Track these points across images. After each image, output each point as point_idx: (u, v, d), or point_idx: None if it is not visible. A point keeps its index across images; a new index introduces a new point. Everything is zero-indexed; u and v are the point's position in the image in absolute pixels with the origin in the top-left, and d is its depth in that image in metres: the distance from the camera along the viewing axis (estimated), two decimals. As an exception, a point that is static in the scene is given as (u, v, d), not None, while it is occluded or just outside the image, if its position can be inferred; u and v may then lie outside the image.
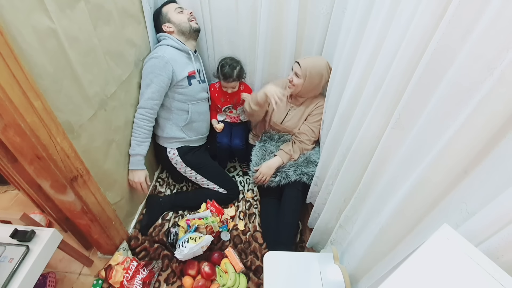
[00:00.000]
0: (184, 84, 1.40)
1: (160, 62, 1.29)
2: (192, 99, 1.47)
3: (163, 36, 1.40)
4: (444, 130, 0.58)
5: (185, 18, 1.39)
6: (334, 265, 0.98)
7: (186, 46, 1.41)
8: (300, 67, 1.36)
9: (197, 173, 1.57)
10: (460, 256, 0.45)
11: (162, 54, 1.30)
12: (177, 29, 1.39)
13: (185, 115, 1.48)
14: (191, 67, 1.44)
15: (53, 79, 0.86)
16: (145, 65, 1.32)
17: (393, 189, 0.75)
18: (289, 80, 1.43)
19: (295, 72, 1.39)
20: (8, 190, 1.73)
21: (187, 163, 1.55)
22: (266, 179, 1.45)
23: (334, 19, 1.28)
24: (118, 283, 1.22)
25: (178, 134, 1.49)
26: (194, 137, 1.56)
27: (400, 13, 0.71)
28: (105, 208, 1.19)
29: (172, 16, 1.37)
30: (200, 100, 1.52)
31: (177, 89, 1.39)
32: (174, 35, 1.39)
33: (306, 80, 1.37)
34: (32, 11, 0.77)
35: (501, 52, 0.47)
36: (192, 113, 1.48)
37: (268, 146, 1.53)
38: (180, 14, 1.38)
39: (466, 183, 0.56)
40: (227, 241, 1.42)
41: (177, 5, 1.41)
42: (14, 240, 1.03)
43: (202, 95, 1.54)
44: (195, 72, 1.45)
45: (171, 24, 1.38)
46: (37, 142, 0.83)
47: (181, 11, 1.40)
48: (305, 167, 1.44)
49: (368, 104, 0.85)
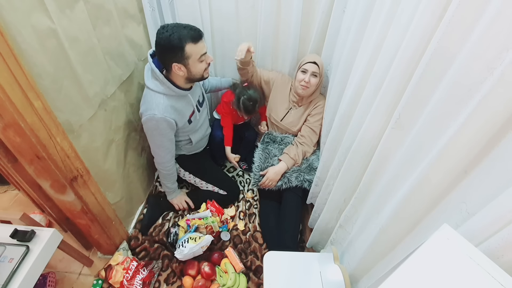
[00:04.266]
0: (185, 125, 1.33)
1: (162, 124, 1.20)
2: (192, 131, 1.42)
3: (159, 78, 1.16)
4: (444, 130, 0.58)
5: (203, 69, 1.18)
6: (334, 265, 0.98)
7: (183, 91, 1.23)
8: (319, 66, 1.35)
9: (196, 177, 1.57)
10: (460, 256, 0.45)
11: (160, 114, 1.17)
12: (188, 76, 1.18)
13: (187, 142, 1.45)
14: (190, 106, 1.33)
15: (53, 79, 0.86)
16: (148, 124, 1.21)
17: (393, 189, 0.75)
18: (305, 81, 1.38)
19: (313, 72, 1.37)
20: (8, 190, 1.73)
21: (185, 169, 1.56)
22: (272, 184, 1.45)
23: (333, 19, 1.28)
24: (118, 283, 1.22)
25: (178, 152, 1.48)
26: (193, 151, 1.56)
27: (400, 13, 0.71)
28: (105, 208, 1.19)
29: (193, 65, 1.14)
30: (200, 126, 1.47)
31: (177, 130, 1.32)
32: (178, 77, 1.19)
33: (322, 77, 1.38)
34: (32, 11, 0.77)
35: (501, 52, 0.47)
36: (194, 140, 1.45)
37: (271, 149, 1.54)
38: (201, 64, 1.16)
39: (466, 183, 0.56)
40: (227, 241, 1.42)
41: (204, 51, 1.14)
42: (14, 240, 1.03)
43: (201, 120, 1.47)
44: (194, 111, 1.36)
45: (185, 70, 1.15)
46: (37, 142, 0.83)
47: (203, 59, 1.16)
48: (307, 174, 1.45)
49: (368, 104, 0.85)
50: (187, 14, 1.43)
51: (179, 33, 1.06)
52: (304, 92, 1.42)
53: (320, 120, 1.48)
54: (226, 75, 1.69)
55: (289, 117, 1.55)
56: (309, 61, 1.37)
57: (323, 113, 1.46)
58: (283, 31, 1.45)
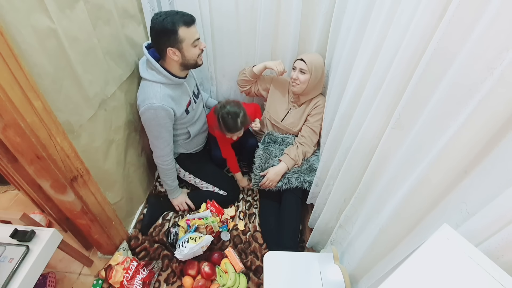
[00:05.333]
0: (183, 116, 1.33)
1: (161, 113, 1.20)
2: (190, 122, 1.41)
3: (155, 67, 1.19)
4: (444, 130, 0.58)
5: (196, 54, 1.21)
6: (334, 265, 0.98)
7: (179, 79, 1.25)
8: (306, 63, 1.35)
9: (196, 177, 1.57)
10: (460, 256, 0.45)
11: (158, 102, 1.17)
12: (182, 61, 1.21)
13: (185, 136, 1.45)
14: (186, 95, 1.34)
15: (53, 79, 0.86)
16: (146, 115, 1.21)
17: (393, 189, 0.75)
18: (294, 78, 1.41)
19: (300, 69, 1.38)
20: (8, 190, 1.73)
21: (185, 169, 1.56)
22: (273, 185, 1.45)
23: (334, 18, 1.28)
24: (118, 283, 1.22)
25: (177, 149, 1.49)
26: (192, 149, 1.56)
27: (400, 12, 0.71)
28: (105, 208, 1.19)
29: (187, 49, 1.17)
30: (197, 119, 1.46)
31: (176, 122, 1.32)
32: (173, 63, 1.21)
33: (312, 75, 1.37)
34: (32, 11, 0.77)
35: (501, 52, 0.47)
36: (192, 133, 1.44)
37: (271, 149, 1.54)
38: (194, 48, 1.19)
39: (466, 183, 0.56)
40: (227, 241, 1.42)
41: (196, 36, 1.17)
42: (14, 240, 1.03)
43: (198, 112, 1.46)
44: (191, 101, 1.37)
45: (180, 54, 1.17)
46: (37, 142, 0.83)
47: (197, 44, 1.20)
48: (307, 175, 1.45)
49: (368, 104, 0.85)
50: (187, 14, 1.44)
51: (172, 18, 1.10)
52: (295, 89, 1.43)
53: (320, 120, 1.48)
54: (226, 75, 1.69)
55: (289, 117, 1.55)
56: (297, 58, 1.39)
57: (323, 113, 1.46)
58: (282, 30, 1.45)
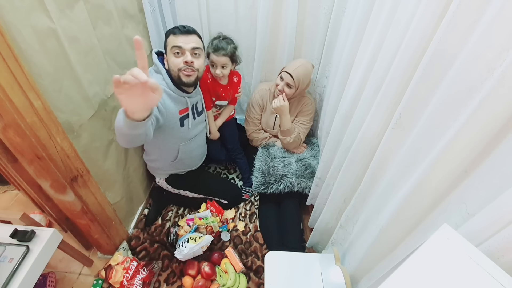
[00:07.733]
0: (175, 125, 1.20)
1: None
2: (183, 140, 1.29)
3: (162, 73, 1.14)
4: (445, 130, 0.57)
5: (176, 65, 1.08)
6: (335, 266, 0.98)
7: (180, 92, 1.16)
8: (294, 79, 1.35)
9: (193, 192, 1.53)
10: (460, 256, 0.45)
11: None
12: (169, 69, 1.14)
13: (174, 153, 1.31)
14: (185, 104, 1.22)
15: (53, 79, 0.86)
16: None
17: (393, 189, 0.75)
18: (279, 90, 1.42)
19: (287, 83, 1.38)
20: (8, 190, 1.73)
21: (178, 188, 1.50)
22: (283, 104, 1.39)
23: (334, 19, 1.28)
24: (118, 283, 1.22)
25: (166, 168, 1.39)
26: (184, 170, 1.45)
27: (400, 13, 0.71)
28: (105, 208, 1.19)
29: (169, 56, 1.10)
30: (193, 137, 1.33)
31: (166, 128, 1.17)
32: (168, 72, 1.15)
33: (299, 88, 1.39)
34: (32, 11, 0.77)
35: (501, 53, 0.47)
36: (182, 153, 1.31)
37: (271, 151, 1.55)
38: (174, 58, 1.08)
39: (467, 183, 0.56)
40: (227, 241, 1.42)
41: (179, 42, 1.06)
42: (14, 240, 1.03)
43: (197, 130, 1.35)
44: (188, 109, 1.23)
45: (167, 62, 1.14)
46: (37, 142, 0.83)
47: (178, 52, 1.07)
48: (309, 180, 1.46)
49: (369, 104, 0.85)
50: (187, 13, 1.44)
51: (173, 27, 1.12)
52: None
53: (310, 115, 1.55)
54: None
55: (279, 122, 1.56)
56: (287, 71, 1.37)
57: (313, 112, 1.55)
58: (282, 30, 1.45)
